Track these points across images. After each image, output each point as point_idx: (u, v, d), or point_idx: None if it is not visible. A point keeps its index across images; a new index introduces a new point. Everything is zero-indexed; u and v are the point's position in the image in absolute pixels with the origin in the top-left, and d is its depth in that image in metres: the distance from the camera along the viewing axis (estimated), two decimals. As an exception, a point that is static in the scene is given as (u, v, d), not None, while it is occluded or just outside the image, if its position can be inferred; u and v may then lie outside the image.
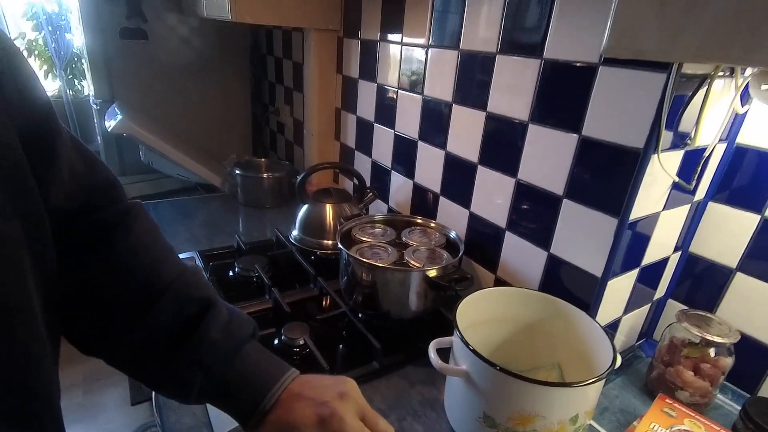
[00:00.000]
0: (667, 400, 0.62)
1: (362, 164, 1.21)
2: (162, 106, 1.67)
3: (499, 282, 0.83)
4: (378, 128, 1.11)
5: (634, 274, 0.68)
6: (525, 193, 0.74)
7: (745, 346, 0.68)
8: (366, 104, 1.15)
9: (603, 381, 0.55)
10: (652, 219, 0.64)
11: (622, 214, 0.59)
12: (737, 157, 0.67)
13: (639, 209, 0.60)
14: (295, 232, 1.07)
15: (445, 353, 0.61)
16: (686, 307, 0.75)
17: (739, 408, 0.62)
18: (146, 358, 0.38)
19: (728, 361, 0.66)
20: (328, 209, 1.03)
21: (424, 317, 0.80)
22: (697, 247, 0.74)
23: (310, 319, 0.79)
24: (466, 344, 0.56)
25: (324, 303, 0.88)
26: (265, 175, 1.35)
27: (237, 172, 1.35)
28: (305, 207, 1.06)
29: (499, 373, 0.52)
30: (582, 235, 0.66)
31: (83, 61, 1.72)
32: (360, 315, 0.82)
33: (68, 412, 0.36)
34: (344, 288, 0.84)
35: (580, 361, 0.63)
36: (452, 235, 0.86)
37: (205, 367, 0.37)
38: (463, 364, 0.58)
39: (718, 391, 0.70)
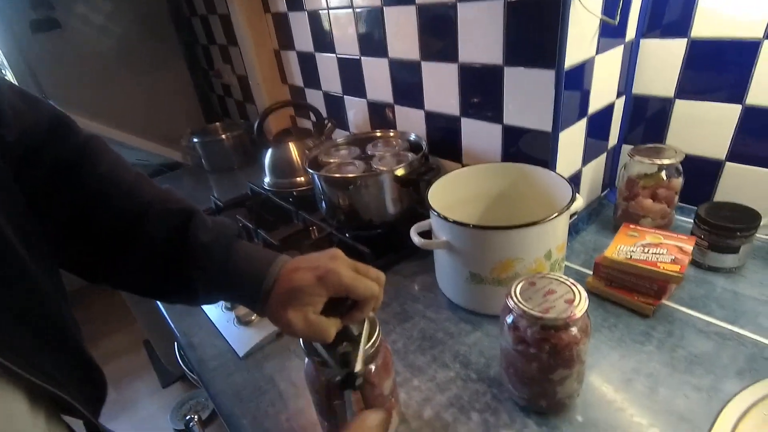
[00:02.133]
0: (631, 226, 0.68)
1: (316, 99, 1.21)
2: (99, 96, 1.61)
3: (467, 170, 0.87)
4: (320, 57, 1.10)
5: (583, 124, 0.72)
6: (469, 75, 0.76)
7: (693, 166, 0.74)
8: (302, 36, 1.12)
9: (567, 215, 0.60)
10: (588, 65, 0.67)
11: (557, 64, 0.62)
12: (658, -12, 0.70)
13: (572, 56, 0.62)
14: (267, 179, 1.09)
15: (428, 236, 0.66)
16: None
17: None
18: (148, 274, 0.41)
19: (679, 181, 0.72)
20: (292, 147, 1.04)
21: (406, 219, 0.84)
22: (638, 88, 0.78)
23: (301, 249, 0.83)
24: (441, 216, 0.60)
25: (311, 233, 0.92)
26: (223, 136, 1.34)
27: (195, 140, 1.34)
28: (270, 151, 1.07)
29: (473, 229, 0.57)
30: (528, 97, 0.69)
31: (4, 70, 1.62)
32: (347, 235, 0.85)
33: (106, 410, 0.40)
34: (326, 213, 0.87)
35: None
36: (412, 137, 0.89)
37: (202, 268, 0.40)
38: (442, 236, 0.62)
39: (675, 211, 0.77)
